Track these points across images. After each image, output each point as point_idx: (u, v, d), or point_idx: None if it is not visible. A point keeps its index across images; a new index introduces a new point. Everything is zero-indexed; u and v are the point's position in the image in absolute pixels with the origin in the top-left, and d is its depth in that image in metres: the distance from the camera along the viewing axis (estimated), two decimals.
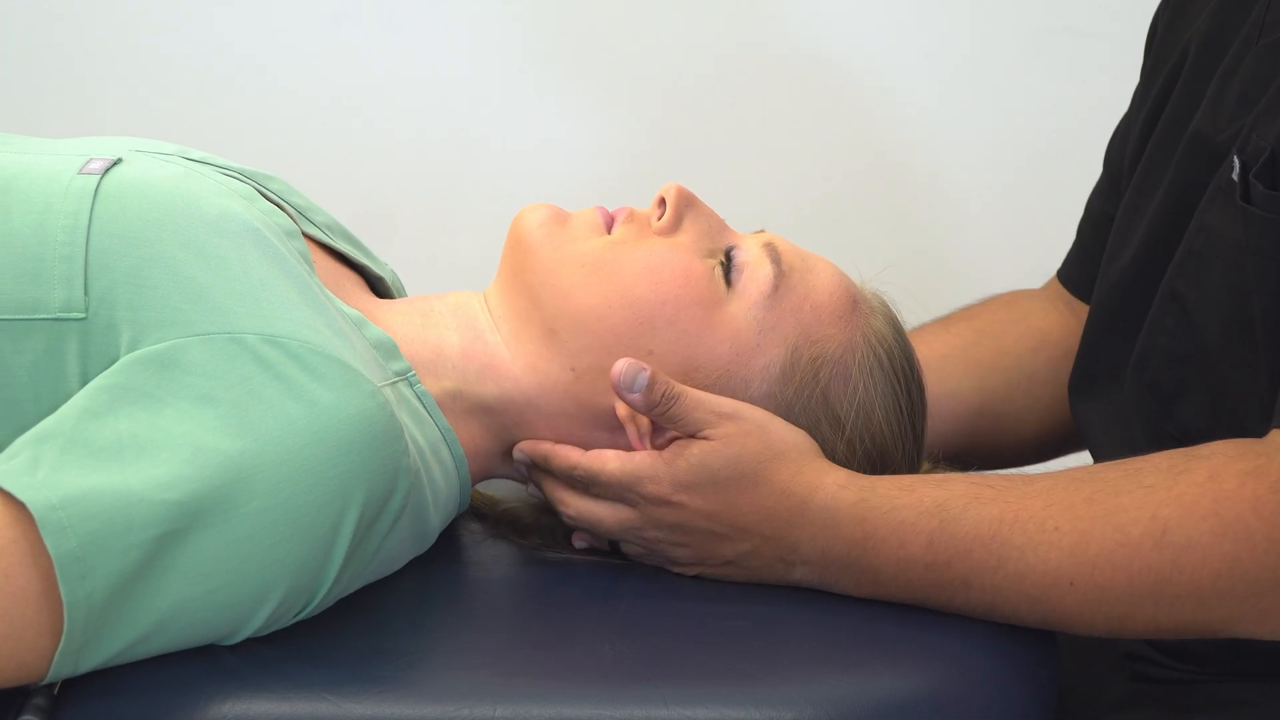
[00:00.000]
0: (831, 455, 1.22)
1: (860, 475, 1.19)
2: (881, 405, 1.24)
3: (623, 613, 1.17)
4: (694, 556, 1.21)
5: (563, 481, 1.23)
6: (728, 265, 1.23)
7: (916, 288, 1.34)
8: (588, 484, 1.21)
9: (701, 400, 1.19)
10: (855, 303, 1.25)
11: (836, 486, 1.18)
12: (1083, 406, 1.41)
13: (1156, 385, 1.29)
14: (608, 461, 1.20)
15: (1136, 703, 1.31)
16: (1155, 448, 1.17)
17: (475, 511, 1.32)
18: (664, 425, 1.20)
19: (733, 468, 1.18)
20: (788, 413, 1.22)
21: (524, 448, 1.24)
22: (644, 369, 1.19)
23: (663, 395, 1.19)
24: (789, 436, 1.20)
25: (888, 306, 1.28)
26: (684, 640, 1.13)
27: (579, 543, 1.26)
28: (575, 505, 1.22)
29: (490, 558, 1.27)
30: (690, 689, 1.06)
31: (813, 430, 1.22)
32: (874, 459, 1.24)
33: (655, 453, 1.19)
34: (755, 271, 1.23)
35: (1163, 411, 1.29)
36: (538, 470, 1.25)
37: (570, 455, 1.22)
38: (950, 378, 1.46)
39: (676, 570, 1.22)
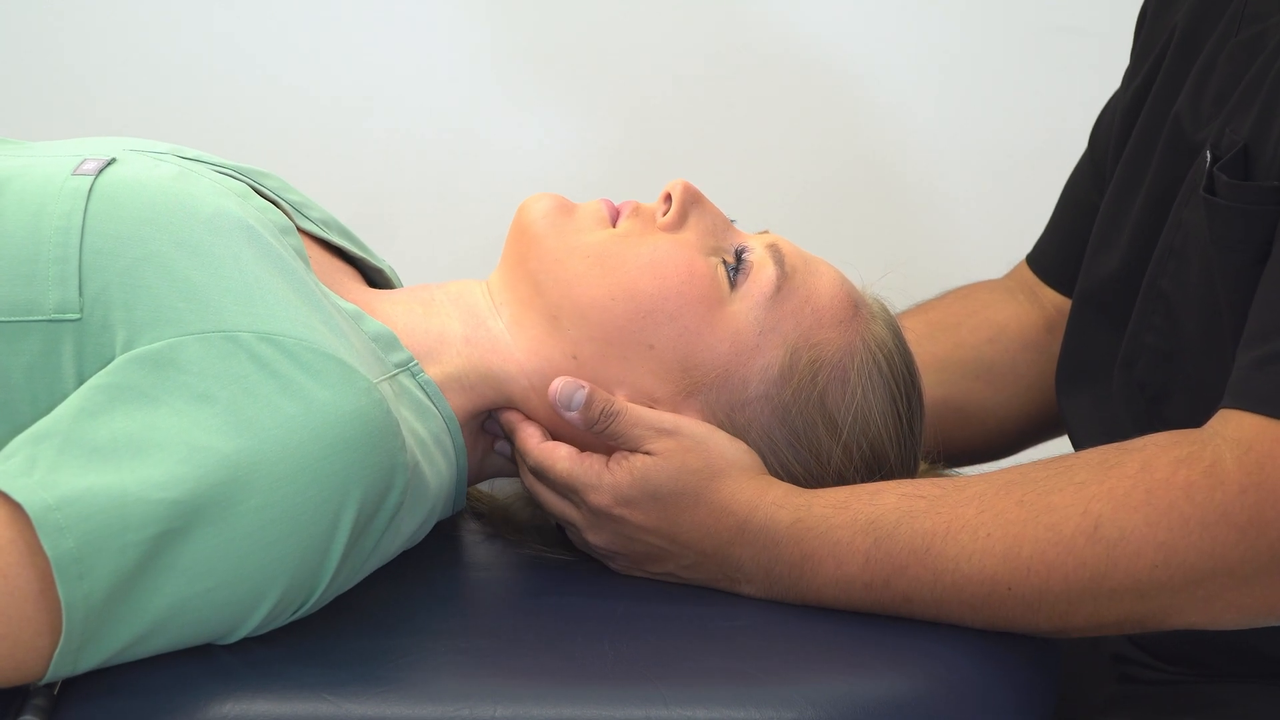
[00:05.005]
0: (827, 459, 1.22)
1: (799, 492, 1.19)
2: (879, 410, 1.23)
3: (622, 613, 1.17)
4: (632, 566, 1.22)
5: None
6: (736, 265, 1.23)
7: (910, 287, 1.34)
8: (539, 474, 1.22)
9: (641, 416, 1.19)
10: (856, 307, 1.25)
11: (774, 506, 1.17)
12: (1069, 399, 1.41)
13: (1145, 384, 1.29)
14: (558, 460, 1.20)
15: (1124, 704, 1.31)
16: None
17: (475, 511, 1.32)
18: (605, 442, 1.20)
19: (673, 484, 1.18)
20: (785, 415, 1.22)
21: (502, 416, 1.24)
22: (581, 386, 1.19)
23: (601, 412, 1.19)
24: (730, 453, 1.20)
25: (888, 312, 1.28)
26: (684, 640, 1.13)
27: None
28: (529, 480, 1.23)
29: (490, 558, 1.27)
30: (690, 689, 1.06)
31: (809, 433, 1.22)
32: (870, 464, 1.24)
33: (601, 460, 1.20)
34: (759, 272, 1.23)
35: (1151, 409, 1.29)
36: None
37: (527, 441, 1.22)
38: None
39: (618, 570, 1.23)
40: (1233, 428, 1.11)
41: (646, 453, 1.19)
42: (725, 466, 1.19)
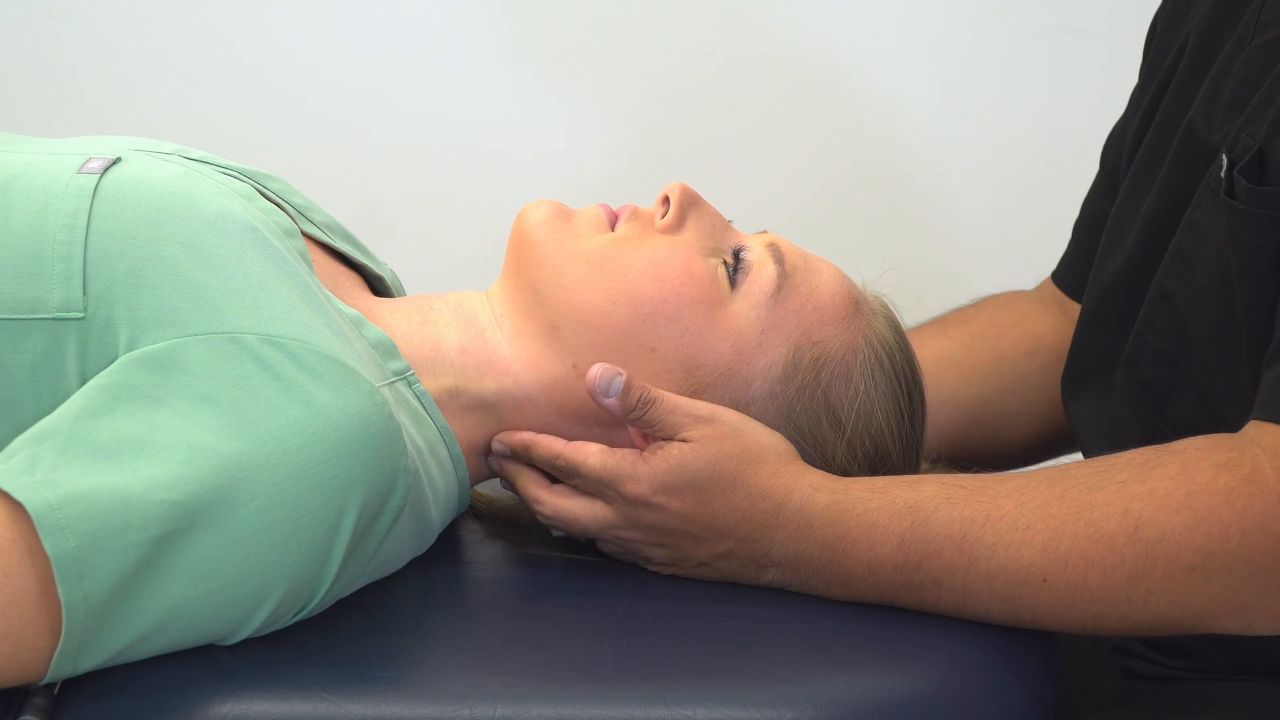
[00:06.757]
0: (832, 456, 1.23)
1: (835, 478, 1.19)
2: (882, 407, 1.24)
3: (622, 613, 1.17)
4: (670, 557, 1.21)
5: (537, 479, 1.23)
6: (736, 265, 1.23)
7: (916, 288, 1.35)
8: (569, 474, 1.21)
9: (678, 404, 1.19)
10: (857, 304, 1.25)
11: (811, 489, 1.18)
12: (1074, 403, 1.41)
13: (1147, 384, 1.30)
14: (589, 455, 1.20)
15: (1125, 700, 1.31)
16: (1147, 445, 1.16)
17: (475, 511, 1.32)
18: (641, 430, 1.20)
19: (710, 469, 1.18)
20: (789, 413, 1.22)
21: (502, 438, 1.24)
22: (619, 374, 1.19)
23: (639, 400, 1.19)
24: (765, 439, 1.20)
25: (889, 309, 1.28)
26: (684, 640, 1.13)
27: (557, 532, 1.26)
28: (551, 504, 1.22)
29: (490, 558, 1.27)
30: (690, 689, 1.06)
31: (814, 430, 1.22)
32: (874, 460, 1.24)
33: (635, 452, 1.20)
34: (759, 271, 1.23)
35: (1154, 409, 1.29)
36: (512, 464, 1.24)
37: (553, 445, 1.22)
38: (945, 383, 1.46)
39: (652, 569, 1.23)
40: (1270, 438, 1.12)
41: (683, 440, 1.19)
42: (762, 452, 1.19)
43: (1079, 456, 1.43)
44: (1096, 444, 1.37)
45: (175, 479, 1.02)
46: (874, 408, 1.24)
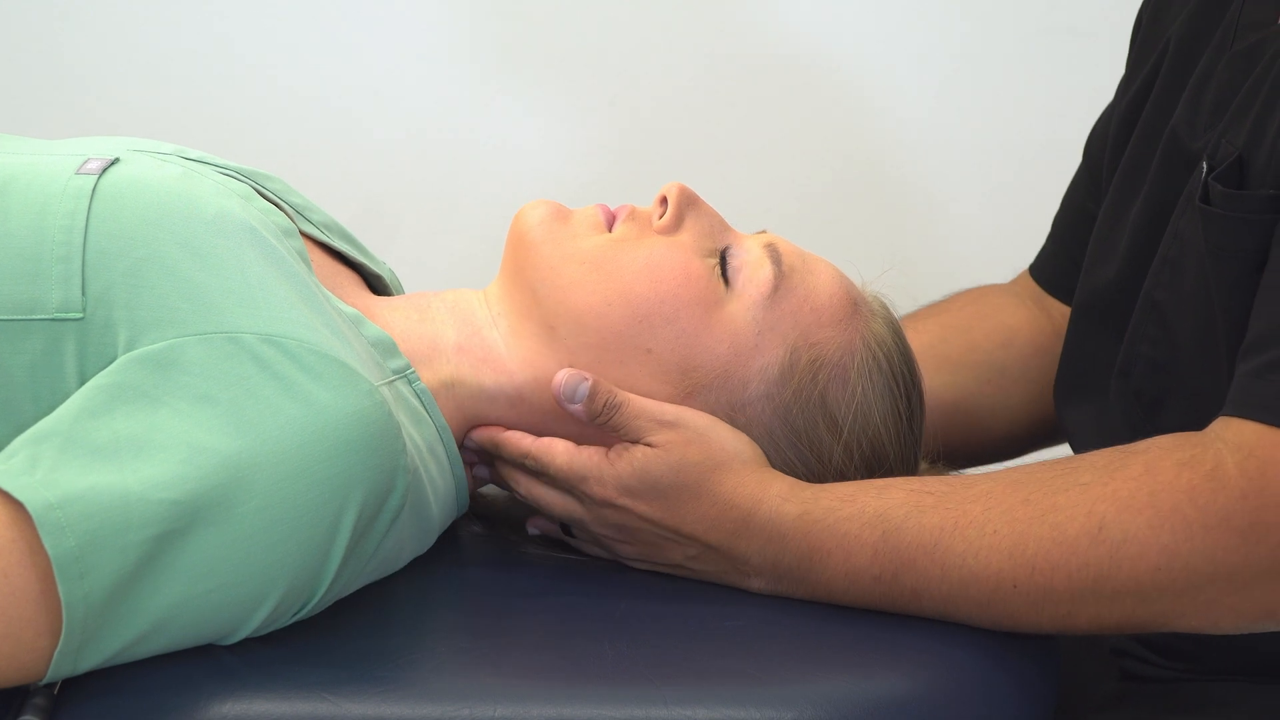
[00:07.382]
0: (828, 458, 1.23)
1: (804, 486, 1.19)
2: (879, 409, 1.23)
3: (623, 613, 1.17)
4: (640, 554, 1.22)
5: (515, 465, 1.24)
6: (724, 264, 1.23)
7: (911, 287, 1.34)
8: (538, 472, 1.22)
9: (644, 408, 1.19)
10: (855, 305, 1.25)
11: (779, 499, 1.18)
12: (1069, 410, 1.41)
13: (1140, 392, 1.30)
14: (556, 455, 1.21)
15: (1124, 702, 1.31)
16: None
17: (475, 511, 1.32)
18: (607, 434, 1.20)
19: (674, 476, 1.18)
20: (786, 414, 1.22)
21: (476, 435, 1.24)
22: (585, 379, 1.19)
23: (605, 405, 1.19)
24: (731, 445, 1.20)
25: (888, 309, 1.28)
26: (684, 640, 1.13)
27: (532, 529, 1.27)
28: (525, 485, 1.23)
29: (490, 558, 1.27)
30: (690, 689, 1.06)
31: (810, 432, 1.22)
32: (870, 462, 1.24)
33: (601, 452, 1.20)
34: (755, 272, 1.23)
35: (1148, 418, 1.29)
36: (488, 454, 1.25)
37: (521, 443, 1.22)
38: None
39: (627, 563, 1.23)
40: (1233, 433, 1.11)
41: (647, 444, 1.19)
42: (726, 459, 1.19)
43: (1067, 450, 1.43)
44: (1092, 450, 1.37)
45: (175, 478, 1.02)
46: (871, 409, 1.23)
